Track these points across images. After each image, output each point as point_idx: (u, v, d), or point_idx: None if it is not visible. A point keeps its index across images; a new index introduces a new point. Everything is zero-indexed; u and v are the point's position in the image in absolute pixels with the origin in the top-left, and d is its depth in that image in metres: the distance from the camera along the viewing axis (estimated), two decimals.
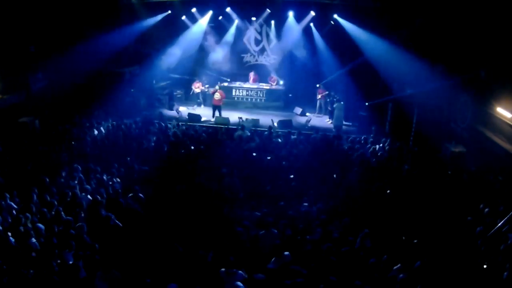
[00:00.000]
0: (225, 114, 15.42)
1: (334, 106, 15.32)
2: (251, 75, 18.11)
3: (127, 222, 7.30)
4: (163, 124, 13.21)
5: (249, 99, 17.48)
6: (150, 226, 7.10)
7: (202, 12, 17.18)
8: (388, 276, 5.96)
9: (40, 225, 6.75)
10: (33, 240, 6.28)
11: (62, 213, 7.16)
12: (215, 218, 7.46)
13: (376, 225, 7.34)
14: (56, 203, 7.46)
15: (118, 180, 9.18)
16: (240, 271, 5.71)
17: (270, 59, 18.72)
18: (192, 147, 11.45)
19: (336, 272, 5.92)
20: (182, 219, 7.31)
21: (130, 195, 8.31)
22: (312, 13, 16.69)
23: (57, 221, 6.91)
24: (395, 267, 6.08)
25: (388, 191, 8.99)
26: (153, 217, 7.52)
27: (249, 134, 12.54)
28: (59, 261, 5.88)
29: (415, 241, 6.74)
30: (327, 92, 16.52)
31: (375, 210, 7.94)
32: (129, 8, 16.01)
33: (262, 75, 18.26)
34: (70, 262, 5.87)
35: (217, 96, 15.34)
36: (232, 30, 17.92)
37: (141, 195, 8.38)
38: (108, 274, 5.48)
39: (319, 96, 16.73)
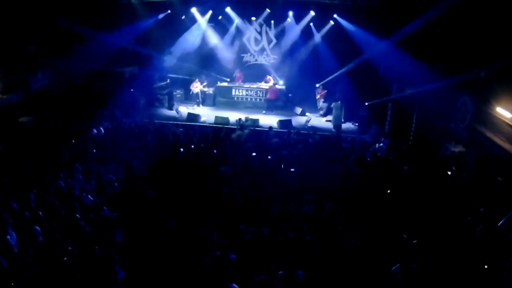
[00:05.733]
0: (225, 114, 15.42)
1: (332, 105, 15.32)
2: (236, 73, 18.07)
3: None
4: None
5: (249, 99, 17.46)
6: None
7: (201, 12, 17.19)
8: (387, 276, 5.96)
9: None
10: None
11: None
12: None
13: (376, 225, 7.33)
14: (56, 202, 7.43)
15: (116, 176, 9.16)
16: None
17: (270, 59, 18.71)
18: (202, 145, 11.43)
19: (335, 272, 5.91)
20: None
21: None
22: (312, 13, 16.68)
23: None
24: (394, 267, 6.08)
25: (388, 191, 8.99)
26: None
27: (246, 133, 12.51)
28: None
29: (415, 241, 6.73)
30: (326, 91, 16.52)
31: (375, 210, 7.93)
32: (129, 7, 16.00)
33: (261, 75, 18.23)
34: None
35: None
36: (232, 30, 17.93)
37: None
38: None
39: (318, 96, 16.74)
